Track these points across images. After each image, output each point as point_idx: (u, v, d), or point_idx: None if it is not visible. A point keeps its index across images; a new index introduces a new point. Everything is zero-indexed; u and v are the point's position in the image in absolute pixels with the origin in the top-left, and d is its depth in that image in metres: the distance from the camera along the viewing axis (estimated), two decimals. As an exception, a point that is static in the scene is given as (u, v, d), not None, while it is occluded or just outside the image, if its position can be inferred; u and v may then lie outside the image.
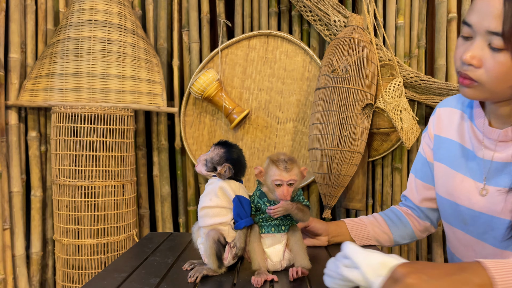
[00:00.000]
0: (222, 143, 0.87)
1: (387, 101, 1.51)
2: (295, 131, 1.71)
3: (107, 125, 1.48)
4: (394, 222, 1.09)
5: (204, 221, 0.84)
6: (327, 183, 1.48)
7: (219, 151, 0.86)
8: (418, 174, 1.09)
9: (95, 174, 1.49)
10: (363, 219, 1.10)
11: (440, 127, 1.01)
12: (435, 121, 1.03)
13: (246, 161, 0.89)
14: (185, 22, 1.80)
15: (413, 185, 1.10)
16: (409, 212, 1.12)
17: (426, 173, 1.06)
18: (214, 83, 1.63)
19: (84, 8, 1.56)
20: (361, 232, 1.06)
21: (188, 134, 1.76)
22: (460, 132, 0.95)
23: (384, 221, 1.09)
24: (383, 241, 1.09)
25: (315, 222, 1.02)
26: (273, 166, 0.81)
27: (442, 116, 1.01)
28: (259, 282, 0.78)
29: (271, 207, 0.80)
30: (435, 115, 1.04)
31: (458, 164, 0.93)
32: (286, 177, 0.79)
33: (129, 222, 1.57)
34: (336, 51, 1.50)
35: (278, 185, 0.80)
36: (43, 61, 1.57)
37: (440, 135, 1.00)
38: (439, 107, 1.04)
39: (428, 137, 1.06)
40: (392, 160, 1.74)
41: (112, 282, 0.80)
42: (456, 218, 0.92)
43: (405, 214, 1.11)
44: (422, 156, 1.08)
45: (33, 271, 1.64)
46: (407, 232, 1.10)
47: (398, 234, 1.09)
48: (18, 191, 1.59)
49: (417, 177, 1.09)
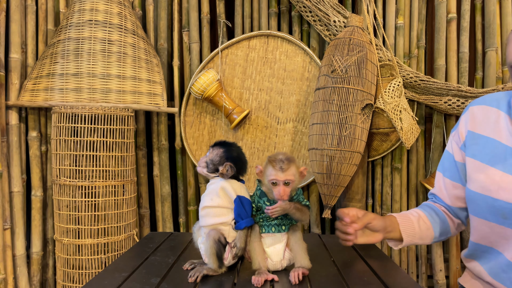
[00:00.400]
0: (220, 143, 0.87)
1: (387, 101, 1.51)
2: (295, 131, 1.72)
3: (107, 125, 1.49)
4: (434, 218, 1.08)
5: (205, 221, 0.84)
6: (327, 183, 1.49)
7: (218, 152, 0.86)
8: (446, 173, 1.08)
9: (95, 174, 1.49)
10: (409, 215, 1.08)
11: (474, 124, 1.01)
12: (468, 118, 1.03)
13: (246, 158, 0.89)
14: (185, 23, 1.80)
15: (442, 183, 1.09)
16: (443, 209, 1.11)
17: (454, 172, 1.06)
18: (214, 83, 1.64)
19: (84, 8, 1.56)
20: (409, 228, 1.05)
21: (188, 134, 1.76)
22: (496, 130, 0.96)
23: (426, 217, 1.08)
24: (426, 238, 1.08)
25: (377, 220, 1.00)
26: (270, 166, 0.81)
27: (477, 114, 1.01)
28: (259, 282, 0.78)
29: (269, 207, 0.81)
30: (468, 113, 1.04)
31: (496, 160, 0.93)
32: (281, 177, 0.80)
33: (129, 222, 1.57)
34: (336, 52, 1.50)
35: (275, 185, 0.80)
36: (43, 61, 1.58)
37: (474, 132, 1.00)
38: (472, 106, 1.04)
39: (458, 136, 1.05)
40: (391, 160, 1.74)
41: (112, 282, 0.80)
42: (493, 213, 0.92)
43: (441, 210, 1.11)
44: (450, 154, 1.08)
45: (33, 270, 1.64)
46: (445, 228, 1.09)
47: (438, 230, 1.08)
48: (18, 191, 1.59)
49: (445, 176, 1.08)
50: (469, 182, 0.99)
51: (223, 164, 0.84)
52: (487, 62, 1.69)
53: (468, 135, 1.02)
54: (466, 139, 1.02)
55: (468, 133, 1.02)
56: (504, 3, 1.68)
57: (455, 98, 1.58)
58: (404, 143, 1.53)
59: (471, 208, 0.99)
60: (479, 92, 1.54)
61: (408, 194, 1.76)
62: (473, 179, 0.97)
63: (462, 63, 1.69)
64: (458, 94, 1.57)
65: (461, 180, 1.04)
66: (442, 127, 1.71)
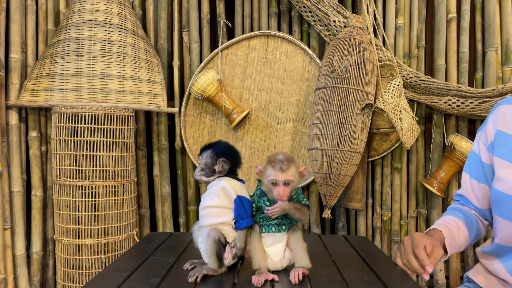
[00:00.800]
0: (206, 147, 0.88)
1: (387, 101, 1.51)
2: (295, 131, 1.72)
3: (107, 125, 1.49)
4: (469, 225, 1.06)
5: (205, 221, 0.84)
6: (327, 183, 1.49)
7: (207, 154, 0.86)
8: (473, 174, 1.05)
9: (95, 174, 1.49)
10: (450, 226, 1.04)
11: (504, 123, 0.98)
12: (497, 117, 1.00)
13: (236, 149, 0.89)
14: (185, 23, 1.80)
15: (469, 185, 1.07)
16: (474, 212, 1.08)
17: (480, 173, 1.03)
18: (214, 83, 1.64)
19: (84, 8, 1.56)
20: (453, 240, 1.02)
21: (188, 134, 1.76)
22: None
23: (463, 225, 1.05)
24: (463, 246, 1.05)
25: (437, 248, 0.94)
26: (269, 166, 0.81)
27: (506, 113, 0.98)
28: (259, 282, 0.78)
29: (268, 208, 0.81)
30: (497, 112, 1.01)
31: None
32: (281, 177, 0.80)
33: (129, 222, 1.57)
34: (336, 52, 1.50)
35: (275, 185, 0.80)
36: (43, 61, 1.58)
37: (504, 131, 0.97)
38: (501, 105, 1.01)
39: (486, 135, 1.02)
40: (391, 160, 1.74)
41: (112, 282, 0.80)
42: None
43: (473, 214, 1.08)
44: (476, 155, 1.05)
45: (33, 270, 1.64)
46: (478, 232, 1.06)
47: (474, 235, 1.06)
48: (18, 191, 1.59)
49: (472, 177, 1.06)
50: (496, 182, 0.96)
51: (216, 163, 0.84)
52: (487, 62, 1.69)
53: (497, 134, 0.98)
54: (495, 138, 0.99)
55: (497, 133, 0.98)
56: (504, 3, 1.68)
57: (455, 98, 1.58)
58: (404, 143, 1.53)
59: (497, 209, 0.96)
60: (479, 92, 1.54)
61: (408, 194, 1.77)
62: (500, 178, 0.94)
63: (462, 63, 1.69)
64: (458, 94, 1.57)
65: (487, 182, 1.01)
66: (442, 127, 1.71)
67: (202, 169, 0.86)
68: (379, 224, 1.76)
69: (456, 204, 1.12)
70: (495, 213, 0.97)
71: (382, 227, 1.76)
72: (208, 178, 0.86)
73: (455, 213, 1.08)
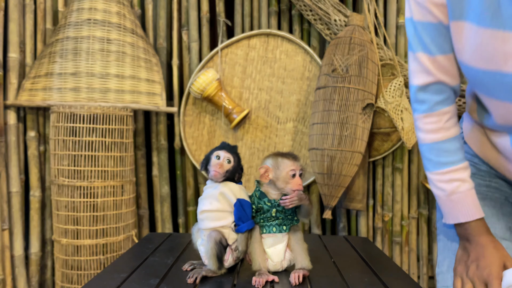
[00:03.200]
0: (234, 150, 0.88)
1: (388, 100, 1.50)
2: (295, 131, 1.71)
3: (106, 125, 1.48)
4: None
5: (205, 224, 0.84)
6: (328, 183, 1.48)
7: (236, 159, 0.87)
8: (435, 49, 0.73)
9: (94, 174, 1.48)
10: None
11: None
12: None
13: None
14: (184, 22, 1.79)
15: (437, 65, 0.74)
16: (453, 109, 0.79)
17: (441, 42, 0.73)
18: (213, 82, 1.63)
19: (83, 7, 1.55)
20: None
21: (188, 134, 1.75)
22: None
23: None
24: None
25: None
26: (284, 159, 0.83)
27: None
28: (260, 283, 0.77)
29: (285, 197, 0.82)
30: None
31: (499, 20, 0.63)
32: (298, 166, 0.83)
33: (128, 223, 1.56)
34: (336, 51, 1.49)
35: (293, 176, 0.82)
36: (42, 61, 1.57)
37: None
38: None
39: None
40: (393, 160, 1.73)
41: (111, 283, 0.79)
42: (504, 90, 0.68)
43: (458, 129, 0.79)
44: (430, 23, 0.72)
45: (32, 271, 1.63)
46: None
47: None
48: (17, 191, 1.58)
49: (435, 54, 0.74)
50: (463, 55, 0.72)
51: (237, 171, 0.87)
52: (489, 61, 1.68)
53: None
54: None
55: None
56: (506, 2, 1.67)
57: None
58: (405, 143, 1.52)
59: (476, 86, 0.74)
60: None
61: (409, 195, 1.76)
62: (469, 50, 0.71)
63: (463, 63, 1.69)
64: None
65: (451, 49, 0.74)
66: (443, 126, 1.70)
67: (227, 171, 0.84)
68: (380, 224, 1.75)
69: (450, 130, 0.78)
70: (479, 91, 0.75)
71: (383, 227, 1.75)
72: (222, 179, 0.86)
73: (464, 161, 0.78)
